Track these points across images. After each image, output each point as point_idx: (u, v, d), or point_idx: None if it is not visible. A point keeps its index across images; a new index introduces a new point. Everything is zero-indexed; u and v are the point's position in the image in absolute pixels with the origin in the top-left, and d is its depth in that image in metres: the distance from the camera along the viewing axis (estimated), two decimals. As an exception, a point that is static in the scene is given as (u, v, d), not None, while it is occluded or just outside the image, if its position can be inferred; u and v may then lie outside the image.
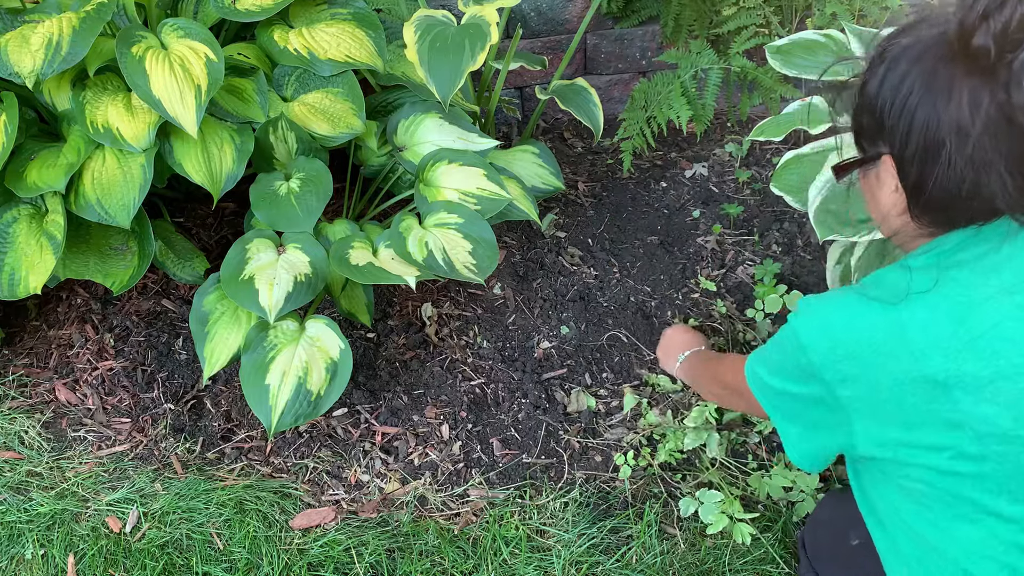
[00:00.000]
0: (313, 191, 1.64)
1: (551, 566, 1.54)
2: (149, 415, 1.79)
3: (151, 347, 1.87)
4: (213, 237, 2.07)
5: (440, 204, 1.65)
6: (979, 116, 0.82)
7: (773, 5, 2.03)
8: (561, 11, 2.22)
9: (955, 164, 0.86)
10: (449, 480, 1.68)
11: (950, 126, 0.84)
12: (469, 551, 1.57)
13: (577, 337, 1.87)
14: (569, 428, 1.73)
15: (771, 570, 1.53)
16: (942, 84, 0.85)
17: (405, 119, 1.80)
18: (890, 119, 0.91)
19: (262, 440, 1.76)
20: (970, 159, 0.85)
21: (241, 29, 1.85)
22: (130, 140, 1.52)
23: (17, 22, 1.60)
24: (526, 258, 2.02)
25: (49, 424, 1.80)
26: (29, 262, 1.57)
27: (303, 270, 1.56)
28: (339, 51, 1.71)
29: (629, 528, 1.59)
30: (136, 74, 1.49)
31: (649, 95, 2.05)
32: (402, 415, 1.77)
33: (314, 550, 1.57)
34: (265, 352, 1.54)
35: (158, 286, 1.99)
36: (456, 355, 1.85)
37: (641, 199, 2.15)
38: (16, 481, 1.70)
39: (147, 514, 1.63)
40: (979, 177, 0.86)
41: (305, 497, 1.66)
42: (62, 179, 1.52)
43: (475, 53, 1.62)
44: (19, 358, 1.91)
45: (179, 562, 1.56)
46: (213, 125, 1.62)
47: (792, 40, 1.77)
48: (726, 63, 1.99)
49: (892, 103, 0.90)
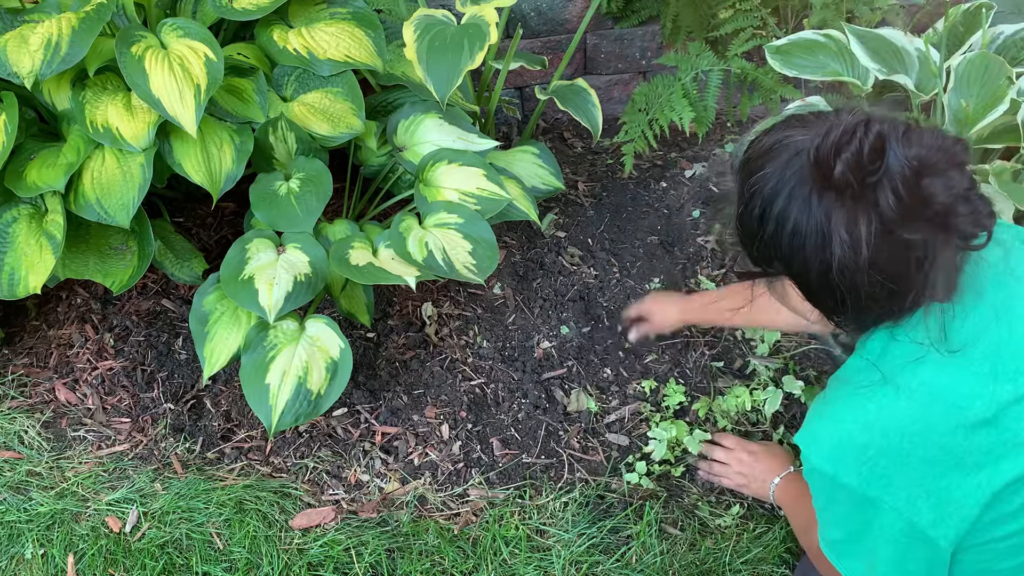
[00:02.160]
0: (313, 191, 1.64)
1: (551, 566, 1.54)
2: (149, 415, 1.79)
3: (151, 347, 1.87)
4: (213, 237, 2.07)
5: (440, 204, 1.66)
6: (863, 238, 0.86)
7: (770, 7, 2.03)
8: (561, 11, 2.23)
9: (860, 286, 0.89)
10: (449, 480, 1.68)
11: (842, 256, 0.87)
12: (469, 551, 1.57)
13: (577, 337, 1.87)
14: (569, 428, 1.73)
15: (771, 570, 1.53)
16: (821, 218, 0.88)
17: (405, 119, 1.80)
18: (783, 253, 0.93)
19: (262, 440, 1.76)
20: (871, 278, 0.88)
21: (240, 29, 1.85)
22: (130, 140, 1.52)
23: (16, 22, 1.59)
24: (526, 258, 2.02)
25: (49, 424, 1.80)
26: (29, 262, 1.57)
27: (303, 270, 1.56)
28: (338, 51, 1.71)
29: (629, 528, 1.59)
30: (136, 74, 1.49)
31: (650, 97, 2.05)
32: (402, 415, 1.77)
33: (314, 550, 1.57)
34: (265, 352, 1.54)
35: (158, 286, 1.99)
36: (456, 355, 1.85)
37: (641, 199, 2.15)
38: (16, 481, 1.70)
39: (147, 514, 1.63)
40: (885, 287, 0.89)
41: (305, 497, 1.66)
42: (62, 179, 1.52)
43: (474, 53, 1.62)
44: (19, 358, 1.91)
45: (179, 562, 1.56)
46: (212, 125, 1.62)
47: (791, 40, 1.78)
48: (726, 65, 1.99)
49: (779, 241, 0.92)
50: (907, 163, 0.84)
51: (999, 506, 0.90)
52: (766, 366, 1.76)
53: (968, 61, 1.63)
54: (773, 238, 0.92)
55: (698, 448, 1.63)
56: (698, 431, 1.64)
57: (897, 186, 0.84)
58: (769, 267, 0.99)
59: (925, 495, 0.92)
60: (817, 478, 1.01)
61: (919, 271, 0.88)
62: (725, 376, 1.79)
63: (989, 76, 1.61)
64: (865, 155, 0.84)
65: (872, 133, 0.84)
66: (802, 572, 1.47)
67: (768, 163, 0.93)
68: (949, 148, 0.86)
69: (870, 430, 0.94)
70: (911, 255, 0.87)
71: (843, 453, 0.96)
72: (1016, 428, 0.90)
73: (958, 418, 0.90)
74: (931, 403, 0.92)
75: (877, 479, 0.93)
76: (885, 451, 0.93)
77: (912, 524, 0.92)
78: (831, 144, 0.85)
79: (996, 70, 1.61)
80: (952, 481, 0.91)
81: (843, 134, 0.85)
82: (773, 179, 0.91)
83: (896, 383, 0.94)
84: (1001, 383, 0.91)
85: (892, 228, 0.85)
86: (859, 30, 1.73)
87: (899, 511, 0.93)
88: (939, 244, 0.87)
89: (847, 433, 0.96)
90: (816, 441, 1.00)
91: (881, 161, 0.84)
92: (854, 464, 0.95)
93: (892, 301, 0.92)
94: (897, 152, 0.84)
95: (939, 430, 0.91)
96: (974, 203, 0.86)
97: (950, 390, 0.92)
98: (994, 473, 0.89)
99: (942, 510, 0.91)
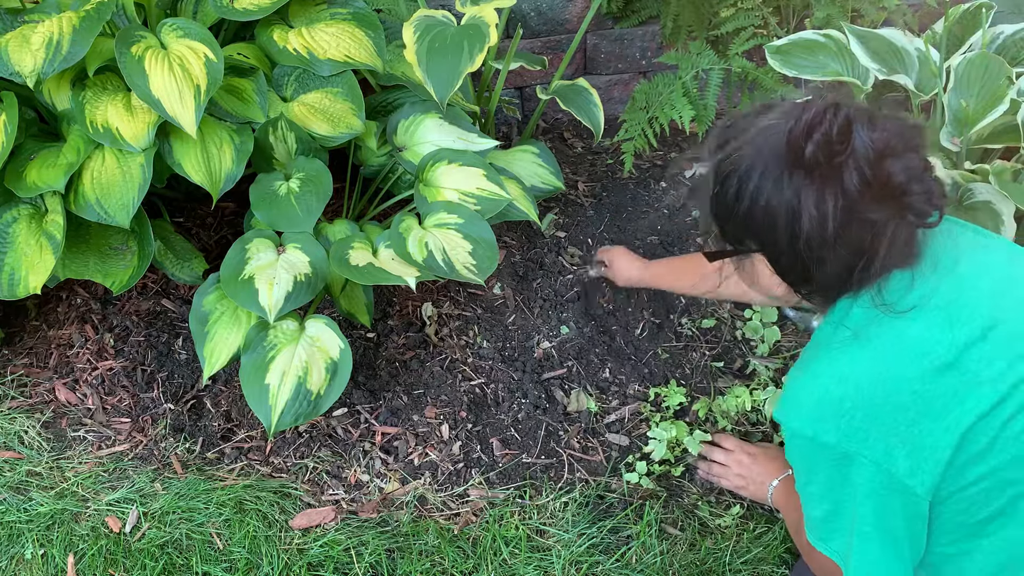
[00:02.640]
0: (313, 191, 1.64)
1: (551, 566, 1.54)
2: (149, 415, 1.79)
3: (151, 347, 1.87)
4: (213, 237, 2.07)
5: (440, 204, 1.65)
6: (829, 213, 0.93)
7: (771, 6, 2.03)
8: (561, 11, 2.22)
9: (826, 259, 0.96)
10: (449, 480, 1.68)
11: (810, 229, 0.94)
12: (469, 551, 1.57)
13: (577, 337, 1.87)
14: (569, 428, 1.73)
15: (771, 570, 1.53)
16: (792, 195, 0.95)
17: (405, 119, 1.80)
18: (756, 228, 1.00)
19: (262, 440, 1.76)
20: (837, 251, 0.95)
21: (240, 29, 1.85)
22: (129, 140, 1.52)
23: (17, 22, 1.60)
24: (526, 258, 2.02)
25: (49, 424, 1.80)
26: (29, 262, 1.57)
27: (303, 270, 1.56)
28: (338, 51, 1.71)
29: (629, 528, 1.59)
30: (135, 74, 1.49)
31: (650, 96, 2.05)
32: (402, 415, 1.77)
33: (314, 550, 1.57)
34: (265, 352, 1.54)
35: (158, 286, 1.99)
36: (456, 355, 1.85)
37: (641, 199, 2.15)
38: (16, 481, 1.70)
39: (147, 514, 1.63)
40: (848, 260, 0.96)
41: (305, 497, 1.66)
42: (62, 179, 1.52)
43: (473, 54, 1.62)
44: (19, 358, 1.91)
45: (179, 562, 1.56)
46: (212, 125, 1.62)
47: (791, 40, 1.77)
48: (726, 64, 1.99)
49: (753, 217, 0.99)
50: (871, 145, 0.91)
51: (968, 447, 0.95)
52: (766, 366, 1.76)
53: (968, 61, 1.63)
54: (748, 214, 0.99)
55: (698, 448, 1.63)
56: (698, 432, 1.64)
57: (861, 166, 0.91)
58: (741, 245, 1.05)
59: (900, 443, 0.96)
60: (799, 444, 1.05)
61: (879, 244, 0.95)
62: (725, 376, 1.79)
63: (989, 76, 1.61)
64: (834, 136, 0.91)
65: (840, 116, 0.91)
66: (797, 573, 1.47)
67: (744, 145, 0.99)
68: (907, 133, 0.94)
69: (844, 383, 1.00)
70: (872, 230, 0.94)
71: (822, 410, 1.01)
72: (976, 369, 0.96)
73: (923, 364, 0.97)
74: (898, 352, 0.98)
75: (855, 432, 0.98)
76: (860, 404, 0.98)
77: (890, 475, 0.97)
78: (804, 125, 0.92)
79: (996, 70, 1.61)
80: (924, 427, 0.96)
81: (814, 116, 0.92)
82: (748, 159, 0.98)
83: (865, 336, 1.00)
84: (957, 328, 0.97)
85: (855, 205, 0.92)
86: (859, 30, 1.73)
87: (877, 463, 0.97)
88: (896, 221, 0.94)
89: (823, 388, 1.01)
90: (795, 404, 1.05)
91: (848, 142, 0.91)
92: (832, 419, 1.00)
93: (855, 272, 0.98)
94: (862, 135, 0.92)
95: (907, 376, 0.97)
96: (927, 184, 0.94)
97: (914, 339, 0.98)
98: (961, 413, 0.95)
99: (917, 456, 0.96)
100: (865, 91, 1.71)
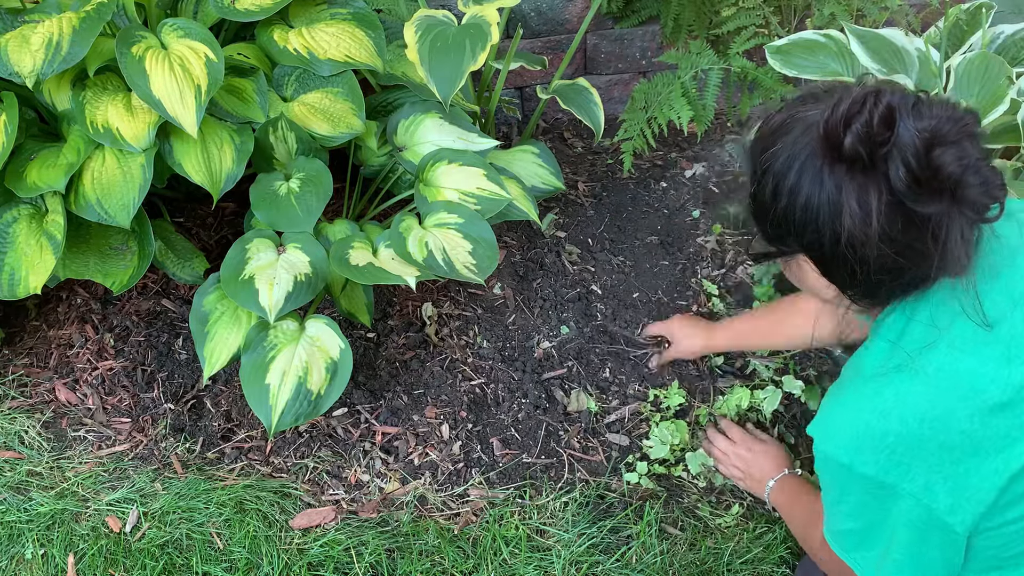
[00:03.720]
0: (313, 191, 1.64)
1: (551, 566, 1.54)
2: (149, 415, 1.79)
3: (151, 347, 1.87)
4: (213, 237, 2.07)
5: (440, 204, 1.66)
6: (873, 210, 0.86)
7: (772, 5, 2.03)
8: (561, 11, 2.22)
9: (870, 258, 0.89)
10: (449, 480, 1.68)
11: (853, 228, 0.88)
12: (469, 551, 1.57)
13: (577, 337, 1.87)
14: (569, 428, 1.73)
15: (771, 570, 1.53)
16: (832, 190, 0.88)
17: (405, 119, 1.80)
18: (796, 227, 0.93)
19: (262, 440, 1.76)
20: (882, 250, 0.88)
21: (241, 29, 1.85)
22: (130, 140, 1.52)
23: (17, 22, 1.59)
24: (526, 258, 2.02)
25: (49, 424, 1.80)
26: (29, 262, 1.57)
27: (303, 270, 1.56)
28: (339, 51, 1.71)
29: (629, 528, 1.59)
30: (136, 74, 1.49)
31: (649, 96, 2.05)
32: (402, 415, 1.77)
33: (314, 550, 1.57)
34: (265, 352, 1.54)
35: (158, 286, 1.99)
36: (456, 355, 1.85)
37: (641, 199, 2.15)
38: (16, 481, 1.70)
39: (147, 514, 1.63)
40: (898, 261, 0.89)
41: (305, 497, 1.66)
42: (62, 179, 1.52)
43: (476, 53, 1.62)
44: (19, 358, 1.91)
45: (179, 562, 1.56)
46: (213, 125, 1.62)
47: (792, 40, 1.77)
48: (726, 63, 1.99)
49: (792, 215, 0.93)
50: (917, 134, 0.84)
51: (1014, 488, 0.91)
52: (766, 366, 1.76)
53: (968, 61, 1.63)
54: (786, 212, 0.93)
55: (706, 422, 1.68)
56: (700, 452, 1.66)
57: (907, 157, 0.84)
58: (783, 244, 0.99)
59: (942, 480, 0.91)
60: (832, 468, 1.00)
61: (931, 244, 0.87)
62: (725, 376, 1.79)
63: (989, 76, 1.61)
64: (875, 126, 0.84)
65: (882, 104, 0.85)
66: (803, 572, 1.47)
67: (779, 139, 0.93)
68: (960, 119, 0.86)
69: (888, 418, 0.94)
70: (922, 227, 0.87)
71: (861, 443, 0.95)
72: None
73: (976, 402, 0.90)
74: (948, 388, 0.92)
75: (895, 466, 0.93)
76: (904, 438, 0.92)
77: (930, 511, 0.92)
78: (840, 116, 0.86)
79: (996, 70, 1.61)
80: (970, 466, 0.91)
81: (852, 105, 0.85)
82: (784, 153, 0.92)
83: (912, 369, 0.94)
84: (1015, 366, 0.91)
85: (902, 200, 0.85)
86: (859, 30, 1.73)
87: (917, 497, 0.93)
88: (951, 216, 0.86)
89: (864, 423, 0.95)
90: (832, 431, 0.99)
91: (891, 132, 0.84)
92: (872, 453, 0.94)
93: (904, 274, 0.92)
94: (907, 123, 0.84)
95: (958, 415, 0.91)
96: (984, 174, 0.86)
97: (966, 374, 0.91)
98: (1011, 456, 0.90)
99: (959, 495, 0.91)
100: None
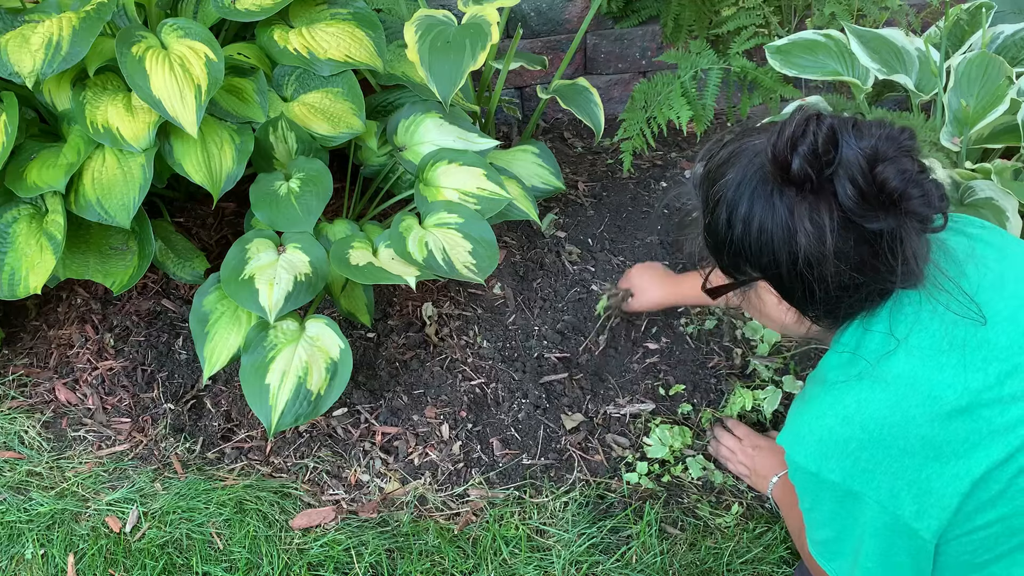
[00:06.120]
0: (313, 191, 1.64)
1: (551, 566, 1.54)
2: (149, 415, 1.79)
3: (151, 347, 1.87)
4: (213, 237, 2.07)
5: (440, 204, 1.66)
6: (827, 227, 0.89)
7: (772, 5, 2.03)
8: (561, 11, 2.23)
9: (828, 276, 0.92)
10: (449, 480, 1.68)
11: (808, 247, 0.91)
12: (469, 551, 1.57)
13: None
14: (569, 428, 1.73)
15: (771, 570, 1.53)
16: (785, 212, 0.92)
17: (405, 119, 1.80)
18: (753, 253, 0.96)
19: (262, 440, 1.76)
20: (839, 267, 0.91)
21: (241, 29, 1.85)
22: (130, 140, 1.52)
23: (17, 22, 1.60)
24: (526, 258, 2.02)
25: (49, 424, 1.80)
26: (29, 262, 1.57)
27: (303, 270, 1.56)
28: (339, 51, 1.71)
29: (629, 528, 1.59)
30: (136, 74, 1.49)
31: (649, 95, 2.05)
32: (402, 415, 1.77)
33: (314, 550, 1.57)
34: (265, 352, 1.54)
35: (158, 286, 1.99)
36: (456, 355, 1.85)
37: (641, 199, 2.15)
38: (16, 481, 1.70)
39: (147, 514, 1.63)
40: (855, 277, 0.92)
41: (305, 497, 1.66)
42: (62, 179, 1.52)
43: (476, 53, 1.62)
44: (19, 358, 1.91)
45: (179, 562, 1.56)
46: (213, 125, 1.62)
47: (792, 40, 1.78)
48: (726, 63, 1.99)
49: (748, 242, 0.95)
50: (860, 152, 0.88)
51: (978, 494, 0.92)
52: (766, 366, 1.76)
53: (968, 61, 1.63)
54: (742, 240, 0.96)
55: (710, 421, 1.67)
56: (700, 457, 1.66)
57: (854, 175, 0.88)
58: (741, 274, 1.02)
59: (907, 486, 0.94)
60: (802, 477, 1.03)
61: (885, 258, 0.91)
62: (725, 376, 1.79)
63: (989, 76, 1.61)
64: (820, 146, 0.88)
65: (824, 126, 0.88)
66: (802, 572, 1.47)
67: (729, 170, 0.97)
68: (897, 137, 0.90)
69: (850, 423, 0.96)
70: (874, 242, 0.90)
71: (826, 449, 0.98)
72: (989, 416, 0.92)
73: (934, 408, 0.93)
74: (907, 394, 0.94)
75: (860, 473, 0.95)
76: (866, 444, 0.95)
77: (896, 517, 0.94)
78: (787, 140, 0.89)
79: (996, 70, 1.61)
80: (932, 471, 0.93)
81: (796, 128, 0.89)
82: (735, 183, 0.95)
83: (873, 376, 0.96)
84: (971, 372, 0.93)
85: (852, 217, 0.89)
86: (859, 29, 1.73)
87: (883, 504, 0.95)
88: (899, 230, 0.90)
89: (827, 428, 0.98)
90: (799, 439, 1.02)
91: (835, 152, 0.88)
92: (837, 459, 0.97)
93: (860, 290, 0.94)
94: (850, 143, 0.88)
95: (917, 421, 0.93)
96: (925, 186, 0.90)
97: (924, 381, 0.94)
98: (972, 462, 0.92)
99: (924, 501, 0.93)
100: (865, 91, 1.71)
